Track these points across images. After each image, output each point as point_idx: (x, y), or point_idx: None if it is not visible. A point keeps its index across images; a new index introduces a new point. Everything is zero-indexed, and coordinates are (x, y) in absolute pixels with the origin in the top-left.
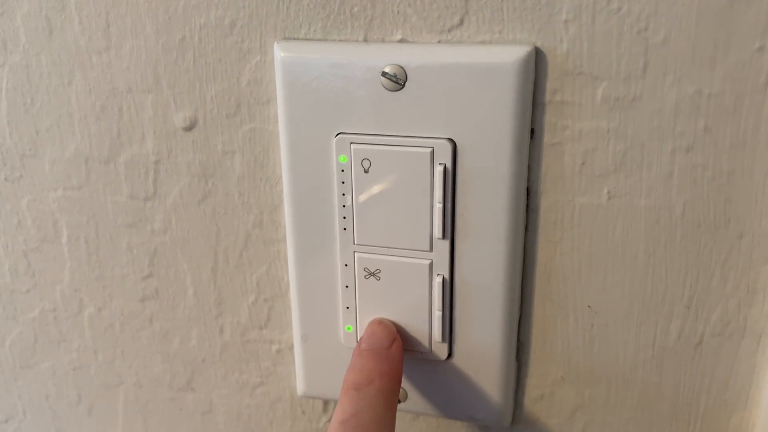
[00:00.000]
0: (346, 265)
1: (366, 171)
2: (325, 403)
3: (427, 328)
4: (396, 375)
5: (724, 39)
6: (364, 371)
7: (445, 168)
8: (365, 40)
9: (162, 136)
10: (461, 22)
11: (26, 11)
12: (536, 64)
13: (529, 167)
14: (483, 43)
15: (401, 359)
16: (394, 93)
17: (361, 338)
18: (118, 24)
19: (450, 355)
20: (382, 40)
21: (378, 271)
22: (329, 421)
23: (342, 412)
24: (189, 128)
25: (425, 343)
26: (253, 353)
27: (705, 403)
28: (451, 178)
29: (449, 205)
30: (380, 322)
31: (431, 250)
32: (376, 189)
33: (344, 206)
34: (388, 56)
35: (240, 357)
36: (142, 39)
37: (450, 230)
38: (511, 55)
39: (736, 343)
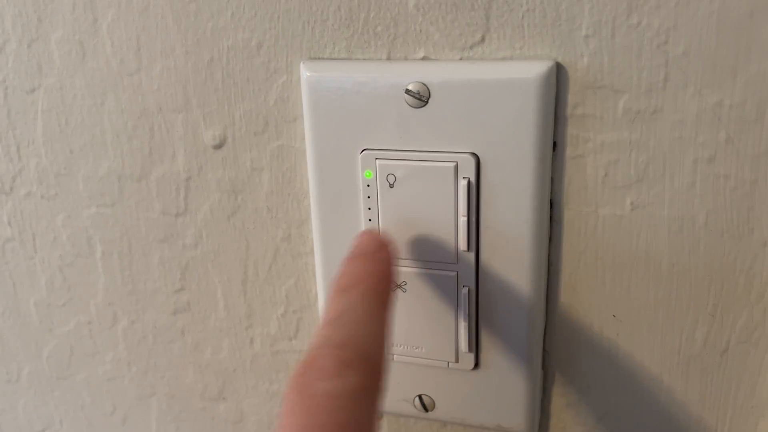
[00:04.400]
0: None
1: (391, 186)
2: None
3: (453, 338)
4: (384, 275)
5: (744, 50)
6: (349, 274)
7: (469, 182)
8: (388, 59)
9: (192, 154)
10: (483, 39)
11: (60, 36)
12: (557, 78)
13: (552, 179)
14: (504, 59)
15: (390, 262)
16: (418, 109)
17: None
18: (149, 46)
19: (477, 365)
20: (405, 58)
21: (404, 283)
22: None
23: (328, 313)
24: (218, 146)
25: (452, 353)
26: (282, 363)
27: (732, 410)
28: (475, 192)
29: (474, 218)
30: (368, 232)
31: (457, 262)
32: (401, 203)
33: (370, 220)
34: (411, 74)
35: (270, 367)
36: (172, 60)
37: (475, 242)
38: (533, 70)
39: (762, 350)
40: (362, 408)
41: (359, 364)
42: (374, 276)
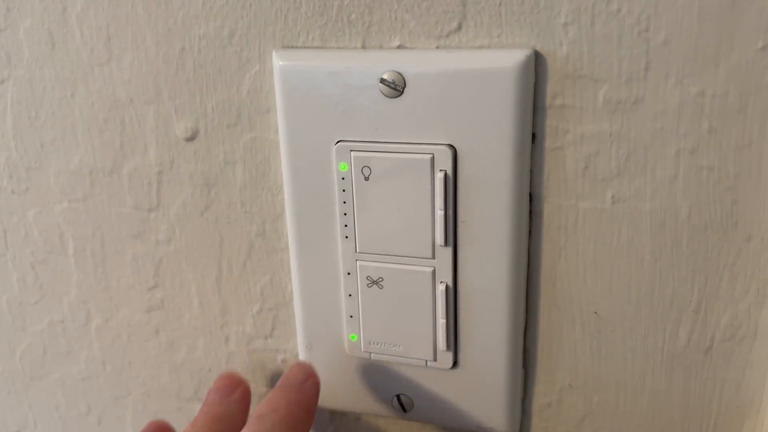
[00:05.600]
0: (348, 274)
1: (366, 178)
2: (332, 413)
3: (431, 336)
4: (306, 405)
5: (727, 38)
6: (269, 401)
7: (445, 174)
8: (363, 47)
9: (164, 147)
10: (459, 27)
11: (29, 25)
12: (536, 67)
13: (531, 172)
14: (482, 47)
15: (315, 394)
16: (393, 99)
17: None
18: (119, 36)
19: (455, 363)
20: (381, 47)
21: (381, 279)
22: (336, 430)
23: None
24: (190, 138)
25: (430, 351)
26: (258, 362)
27: (717, 409)
28: (452, 185)
29: (451, 212)
30: (298, 364)
31: (434, 257)
32: (376, 196)
33: (345, 214)
34: (386, 63)
35: (246, 366)
36: (143, 50)
37: (452, 237)
38: (511, 59)
39: (747, 348)
40: None
41: None
42: (292, 405)
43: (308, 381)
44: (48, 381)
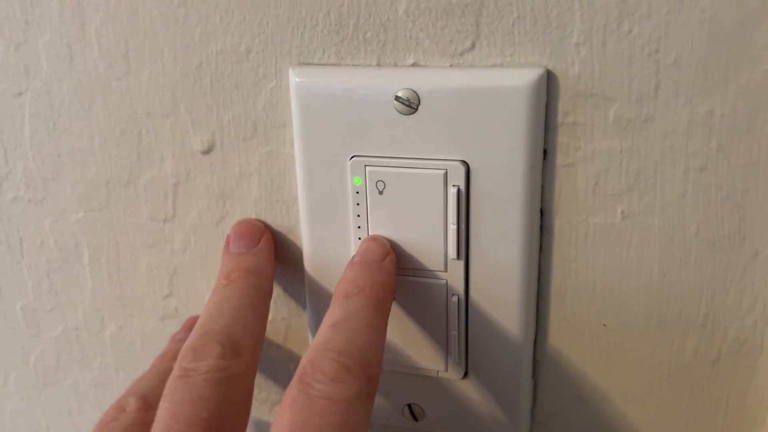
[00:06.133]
0: None
1: (380, 193)
2: None
3: (443, 347)
4: (388, 285)
5: (736, 58)
6: (354, 280)
7: (458, 189)
8: (378, 65)
9: (180, 159)
10: (473, 45)
11: (48, 39)
12: (548, 86)
13: (543, 188)
14: (495, 66)
15: (394, 272)
16: (408, 116)
17: (354, 254)
18: (137, 51)
19: (466, 374)
20: (395, 65)
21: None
22: None
23: (332, 317)
24: (207, 151)
25: (442, 362)
26: (271, 371)
27: (723, 421)
28: (464, 200)
29: (463, 226)
30: (374, 239)
31: (446, 270)
32: (390, 210)
33: (359, 227)
34: (401, 80)
35: (258, 374)
36: (160, 65)
37: (465, 251)
38: (523, 78)
39: (753, 361)
40: (357, 413)
41: (357, 371)
42: (377, 285)
43: (387, 258)
44: (61, 387)
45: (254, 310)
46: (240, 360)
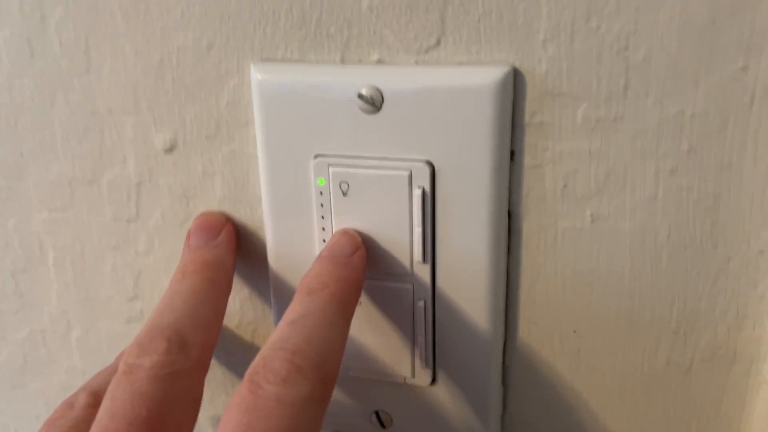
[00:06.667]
0: None
1: (345, 194)
2: None
3: (410, 353)
4: (355, 282)
5: (707, 57)
6: (319, 276)
7: (423, 191)
8: (342, 61)
9: (143, 158)
10: (438, 42)
11: (7, 34)
12: (515, 85)
13: (510, 190)
14: (460, 63)
15: (363, 268)
16: (371, 115)
17: (323, 247)
18: (98, 46)
19: (434, 380)
20: (359, 61)
21: None
22: None
23: (291, 313)
24: (169, 150)
25: (408, 368)
26: (238, 376)
27: (696, 430)
28: (430, 201)
29: (429, 229)
30: (345, 232)
31: (412, 274)
32: (355, 212)
33: (324, 229)
34: (364, 78)
35: (225, 379)
36: (122, 61)
37: (431, 254)
38: (489, 76)
39: (726, 369)
40: (306, 416)
41: (311, 372)
42: (342, 282)
43: (356, 254)
44: (28, 390)
45: (208, 305)
46: (187, 355)
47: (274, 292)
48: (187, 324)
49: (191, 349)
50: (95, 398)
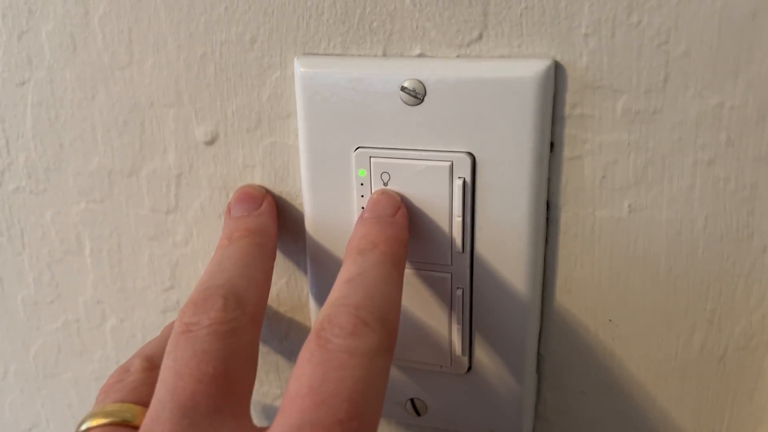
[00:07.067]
0: None
1: (385, 184)
2: None
3: (447, 341)
4: (401, 239)
5: (747, 50)
6: (367, 237)
7: (464, 182)
8: (384, 55)
9: (183, 150)
10: (480, 36)
11: (51, 28)
12: (556, 77)
13: (549, 180)
14: (502, 57)
15: (406, 226)
16: (414, 107)
17: (364, 208)
18: (141, 40)
19: (470, 368)
20: (401, 55)
21: None
22: None
23: (347, 273)
24: (210, 142)
25: (446, 356)
26: (273, 364)
27: (729, 417)
28: (470, 192)
29: (469, 219)
30: (384, 192)
31: (451, 263)
32: None
33: None
34: (407, 71)
35: (261, 368)
36: (164, 55)
37: (470, 244)
38: (531, 69)
39: (760, 357)
40: (377, 366)
41: (376, 325)
42: (391, 240)
43: (399, 212)
44: (61, 380)
45: (258, 267)
46: (244, 312)
47: (312, 281)
48: (240, 283)
49: (247, 306)
50: (150, 363)
